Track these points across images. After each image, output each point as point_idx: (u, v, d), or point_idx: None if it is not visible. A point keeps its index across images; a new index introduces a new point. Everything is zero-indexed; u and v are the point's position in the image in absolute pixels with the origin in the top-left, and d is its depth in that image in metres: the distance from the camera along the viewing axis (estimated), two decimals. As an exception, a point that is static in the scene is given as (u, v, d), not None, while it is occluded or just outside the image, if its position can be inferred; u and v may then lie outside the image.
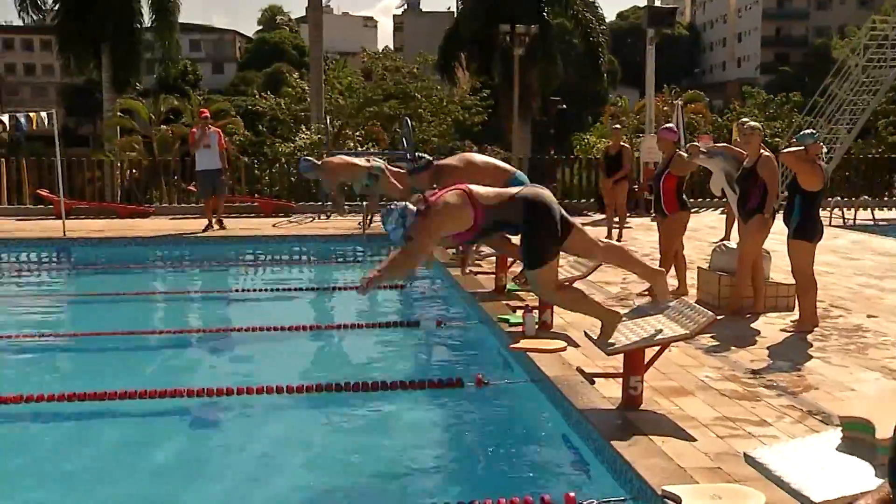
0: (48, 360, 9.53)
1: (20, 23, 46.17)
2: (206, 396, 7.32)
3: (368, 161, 11.57)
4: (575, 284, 7.74)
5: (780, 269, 10.42)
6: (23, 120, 17.88)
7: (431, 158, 9.24)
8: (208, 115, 20.08)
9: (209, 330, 10.48)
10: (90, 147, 49.98)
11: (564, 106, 42.08)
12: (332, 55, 43.64)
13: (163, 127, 32.33)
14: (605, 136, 29.55)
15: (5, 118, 18.56)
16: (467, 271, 11.64)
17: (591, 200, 23.09)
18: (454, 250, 12.37)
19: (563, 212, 6.60)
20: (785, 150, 9.44)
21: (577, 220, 7.00)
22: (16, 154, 25.67)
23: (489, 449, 6.55)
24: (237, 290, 13.66)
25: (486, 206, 6.41)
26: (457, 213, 6.38)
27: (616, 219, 16.84)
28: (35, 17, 39.93)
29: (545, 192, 6.64)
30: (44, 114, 17.96)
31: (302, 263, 16.87)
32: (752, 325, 9.00)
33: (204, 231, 18.04)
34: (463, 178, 8.36)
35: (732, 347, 8.03)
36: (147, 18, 38.08)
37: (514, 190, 6.68)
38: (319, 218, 20.05)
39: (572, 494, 5.05)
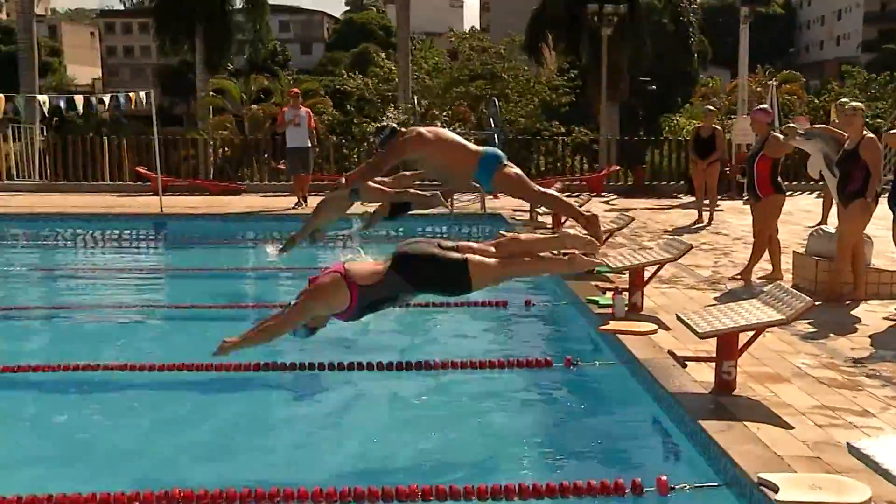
0: (148, 330, 9.78)
1: (121, 7, 47.21)
2: (305, 370, 7.42)
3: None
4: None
5: (883, 256, 10.11)
6: (122, 100, 18.27)
7: (396, 126, 8.92)
8: (298, 94, 20.21)
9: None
10: (184, 126, 50.75)
11: (654, 87, 41.55)
12: (418, 35, 43.62)
13: (253, 106, 32.63)
14: (696, 117, 28.88)
15: (107, 98, 19.00)
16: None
17: (681, 182, 22.76)
18: None
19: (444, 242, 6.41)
20: (890, 132, 9.15)
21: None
22: (117, 133, 26.14)
23: (578, 430, 6.47)
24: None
25: (362, 287, 6.09)
26: (330, 296, 6.10)
27: (706, 201, 16.56)
28: (134, 2, 40.85)
29: (415, 246, 6.35)
30: (142, 94, 18.33)
31: (391, 241, 16.82)
32: (851, 313, 8.71)
33: (293, 208, 18.21)
34: (430, 150, 8.28)
35: (831, 335, 7.76)
36: (238, 1, 38.67)
37: (382, 266, 6.25)
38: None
39: (665, 478, 4.96)
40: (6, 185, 22.87)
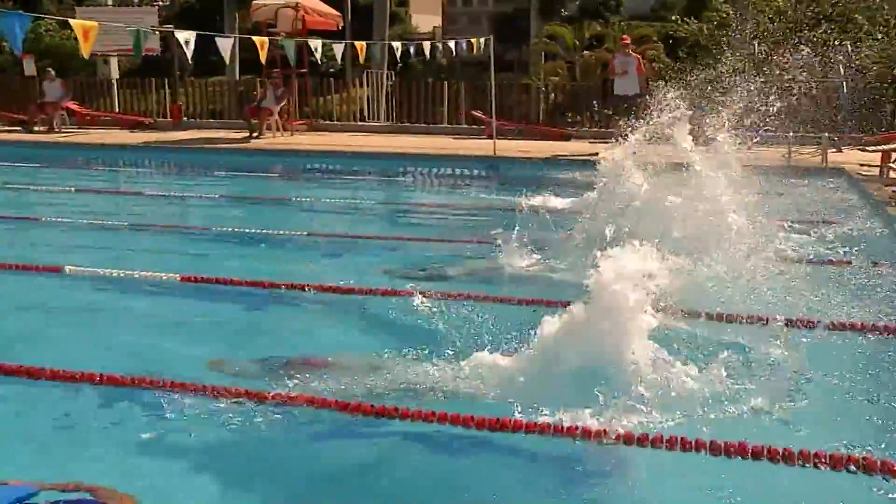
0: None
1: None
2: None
3: None
4: None
5: None
6: (464, 46, 19.22)
7: None
8: (629, 41, 20.36)
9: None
10: (515, 72, 51.89)
11: None
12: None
13: (585, 53, 32.91)
14: None
15: (452, 44, 20.03)
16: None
17: None
18: None
19: None
20: None
21: None
22: (454, 77, 27.32)
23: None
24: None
25: None
26: None
27: None
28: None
29: None
30: (482, 40, 19.15)
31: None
32: None
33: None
34: None
35: None
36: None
37: None
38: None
39: None
40: (358, 126, 24.66)
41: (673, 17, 41.08)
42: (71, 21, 9.55)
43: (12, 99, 26.61)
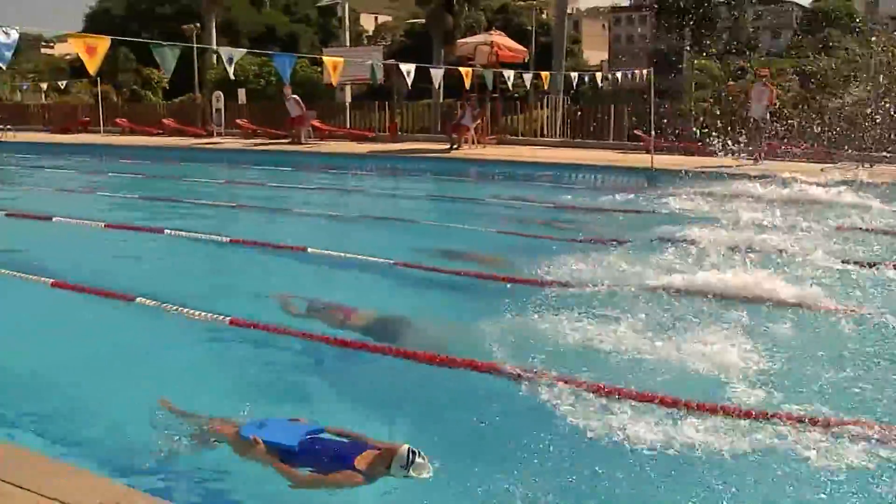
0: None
1: (627, 3, 48.06)
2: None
3: None
4: None
5: None
6: (629, 76, 19.14)
7: None
8: (766, 73, 19.87)
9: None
10: (668, 99, 50.74)
11: None
12: (884, 20, 39.75)
13: (730, 83, 31.95)
14: None
15: (619, 74, 19.94)
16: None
17: None
18: None
19: None
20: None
21: None
22: (618, 102, 27.09)
23: None
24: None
25: None
26: None
27: None
28: None
29: None
30: (644, 71, 18.99)
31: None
32: None
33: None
34: None
35: None
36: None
37: None
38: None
39: None
40: (537, 141, 24.79)
41: (805, 55, 39.40)
42: (325, 58, 10.07)
43: (276, 119, 28.00)
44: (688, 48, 36.89)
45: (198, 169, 21.46)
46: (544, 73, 19.06)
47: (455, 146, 22.91)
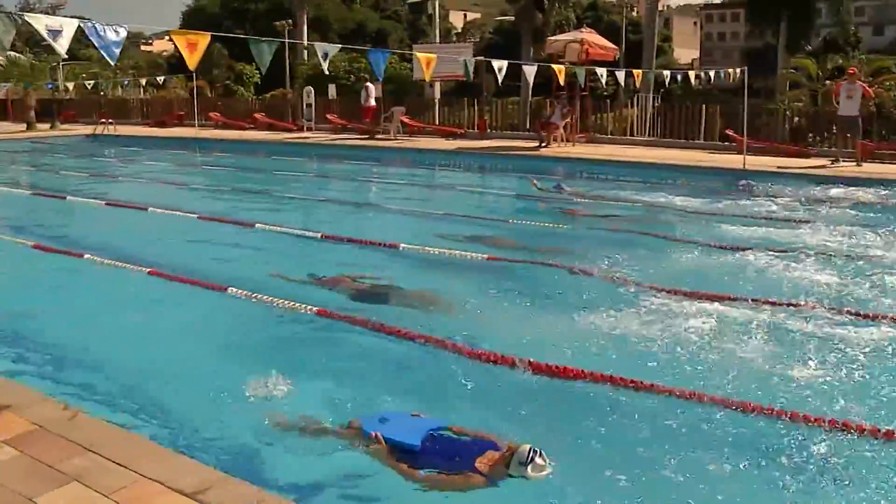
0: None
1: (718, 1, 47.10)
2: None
3: None
4: None
5: None
6: (722, 75, 18.72)
7: None
8: (854, 71, 19.27)
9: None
10: (761, 98, 49.46)
11: None
12: None
13: (827, 82, 30.92)
14: None
15: (712, 73, 19.54)
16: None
17: None
18: None
19: None
20: None
21: None
22: (709, 102, 26.47)
23: None
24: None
25: None
26: None
27: None
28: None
29: None
30: (737, 70, 18.55)
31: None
32: None
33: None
34: None
35: None
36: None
37: None
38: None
39: None
40: (626, 140, 24.45)
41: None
42: (418, 54, 10.12)
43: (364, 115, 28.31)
44: (783, 46, 35.75)
45: (288, 163, 21.87)
46: (636, 72, 18.74)
47: (544, 144, 22.79)
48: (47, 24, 5.07)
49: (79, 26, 5.36)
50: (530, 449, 4.09)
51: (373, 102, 27.02)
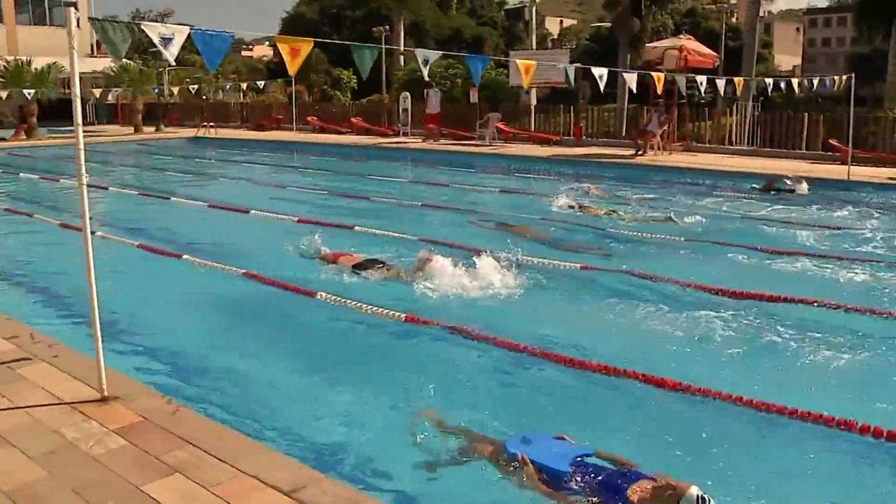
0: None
1: (825, 4, 45.58)
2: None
3: None
4: None
5: None
6: (827, 82, 18.09)
7: None
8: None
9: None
10: (867, 106, 47.77)
11: None
12: None
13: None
14: None
15: (815, 80, 18.91)
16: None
17: None
18: None
19: None
20: None
21: None
22: (812, 110, 25.65)
23: None
24: None
25: None
26: None
27: None
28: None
29: None
30: (843, 77, 17.92)
31: None
32: None
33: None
34: None
35: None
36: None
37: None
38: None
39: None
40: (724, 149, 23.90)
41: None
42: (518, 61, 10.08)
43: (462, 120, 28.54)
44: (894, 50, 34.34)
45: (384, 167, 22.12)
46: (737, 79, 18.28)
47: (640, 152, 22.49)
48: (161, 32, 5.25)
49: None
50: (699, 496, 3.77)
51: (436, 109, 27.92)
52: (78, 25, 4.87)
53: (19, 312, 7.38)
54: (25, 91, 29.92)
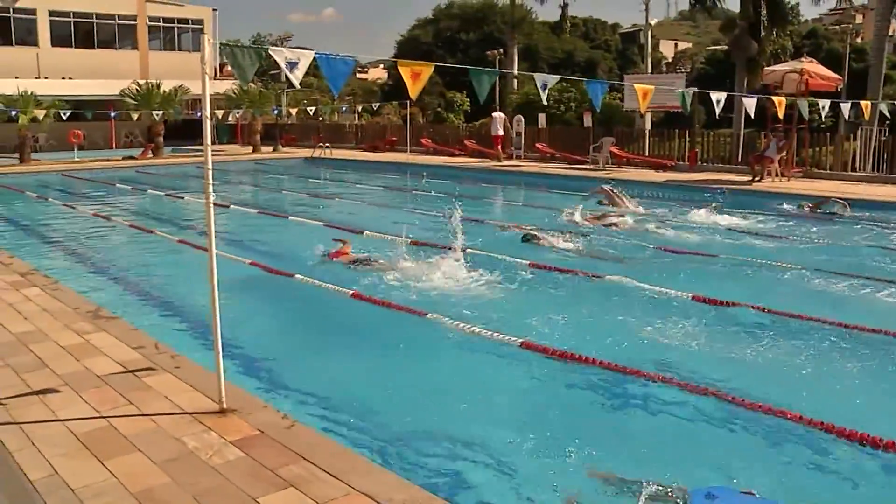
0: None
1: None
2: None
3: None
4: None
5: None
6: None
7: None
8: None
9: None
10: None
11: None
12: None
13: None
14: None
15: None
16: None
17: None
18: None
19: None
20: None
21: None
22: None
23: None
24: None
25: None
26: None
27: None
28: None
29: None
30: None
31: None
32: None
33: None
34: None
35: None
36: None
37: None
38: None
39: None
40: (846, 176, 22.98)
41: None
42: (636, 86, 9.97)
43: (575, 144, 28.48)
44: None
45: (498, 190, 22.17)
46: (864, 103, 17.57)
47: (757, 178, 21.87)
48: (287, 57, 5.42)
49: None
50: None
51: (500, 131, 28.80)
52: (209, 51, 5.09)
53: (144, 323, 7.72)
54: (154, 112, 31.46)
